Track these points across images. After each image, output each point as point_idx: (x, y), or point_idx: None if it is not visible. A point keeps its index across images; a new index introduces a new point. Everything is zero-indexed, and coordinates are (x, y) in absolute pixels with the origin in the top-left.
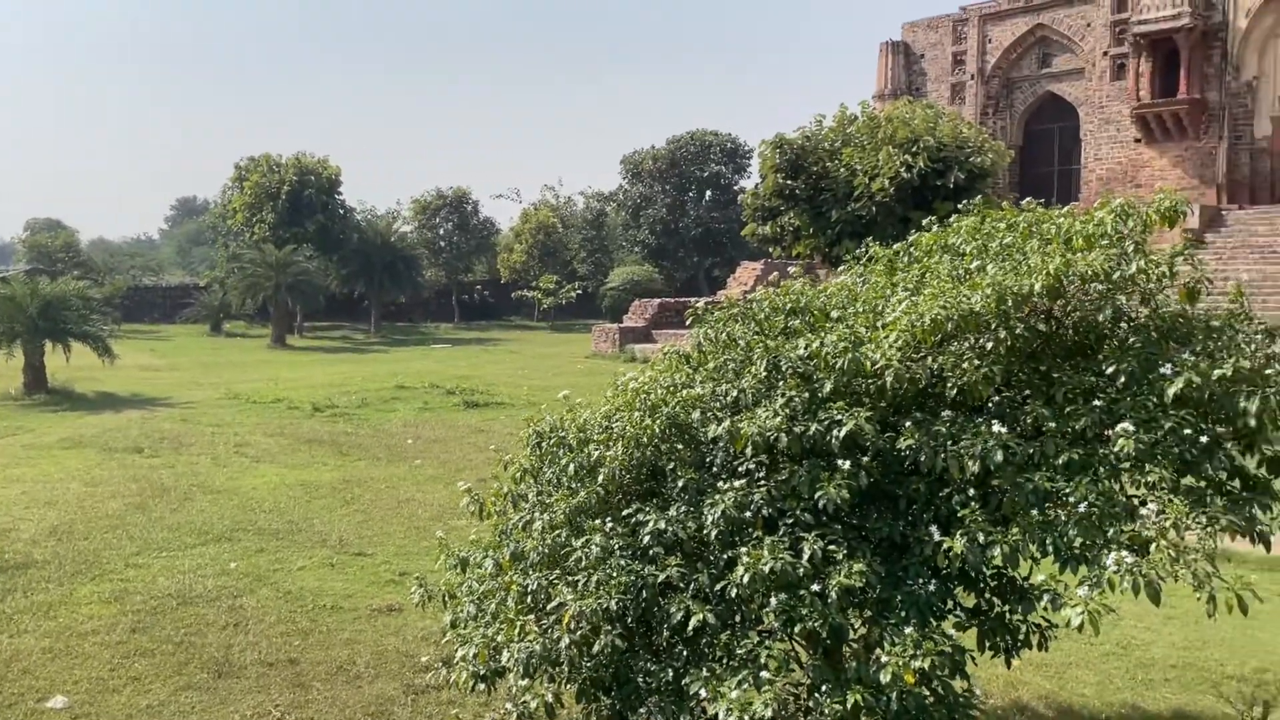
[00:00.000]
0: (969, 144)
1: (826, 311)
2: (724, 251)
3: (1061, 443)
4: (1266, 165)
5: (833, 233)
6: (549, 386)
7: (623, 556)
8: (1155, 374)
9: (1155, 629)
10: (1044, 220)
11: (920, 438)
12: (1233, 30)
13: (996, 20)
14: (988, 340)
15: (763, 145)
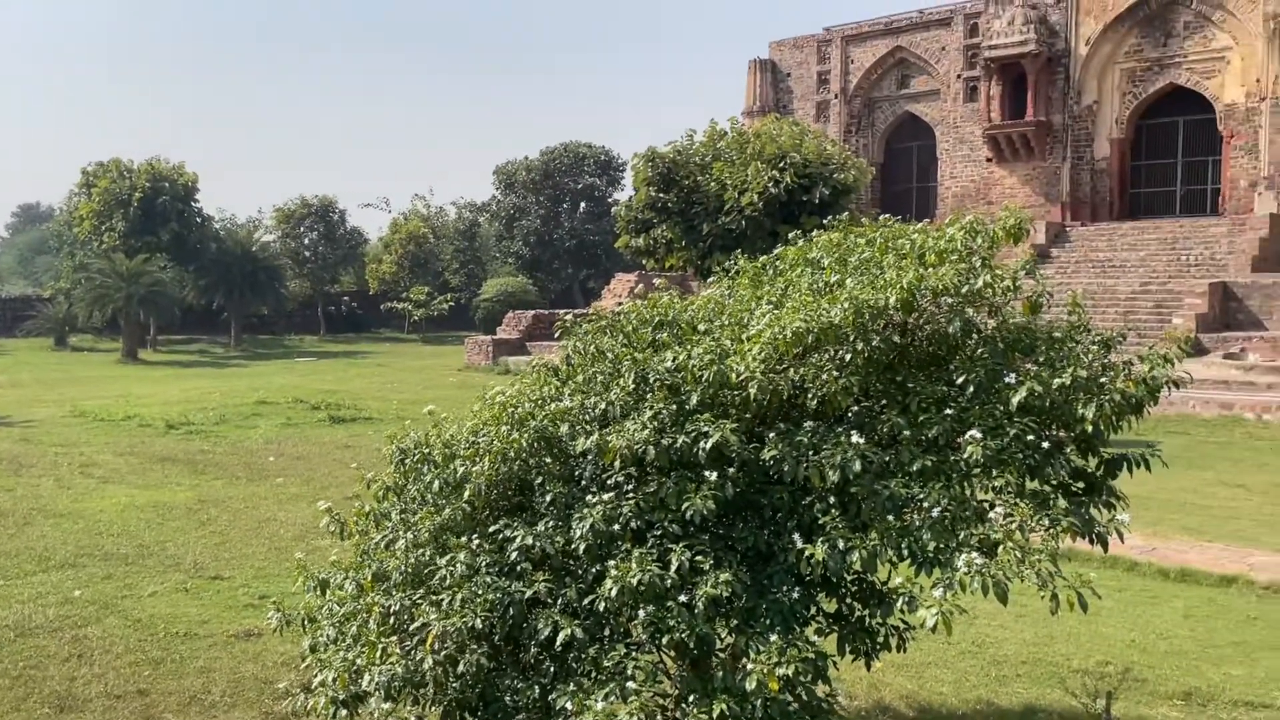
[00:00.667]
0: (833, 161)
1: (694, 324)
2: (599, 263)
3: (916, 450)
4: (1106, 184)
5: (704, 245)
6: (419, 400)
7: (489, 573)
8: (1001, 383)
9: (1008, 626)
10: (899, 236)
11: (783, 448)
12: (1074, 57)
13: (858, 42)
14: (847, 352)
15: (635, 158)
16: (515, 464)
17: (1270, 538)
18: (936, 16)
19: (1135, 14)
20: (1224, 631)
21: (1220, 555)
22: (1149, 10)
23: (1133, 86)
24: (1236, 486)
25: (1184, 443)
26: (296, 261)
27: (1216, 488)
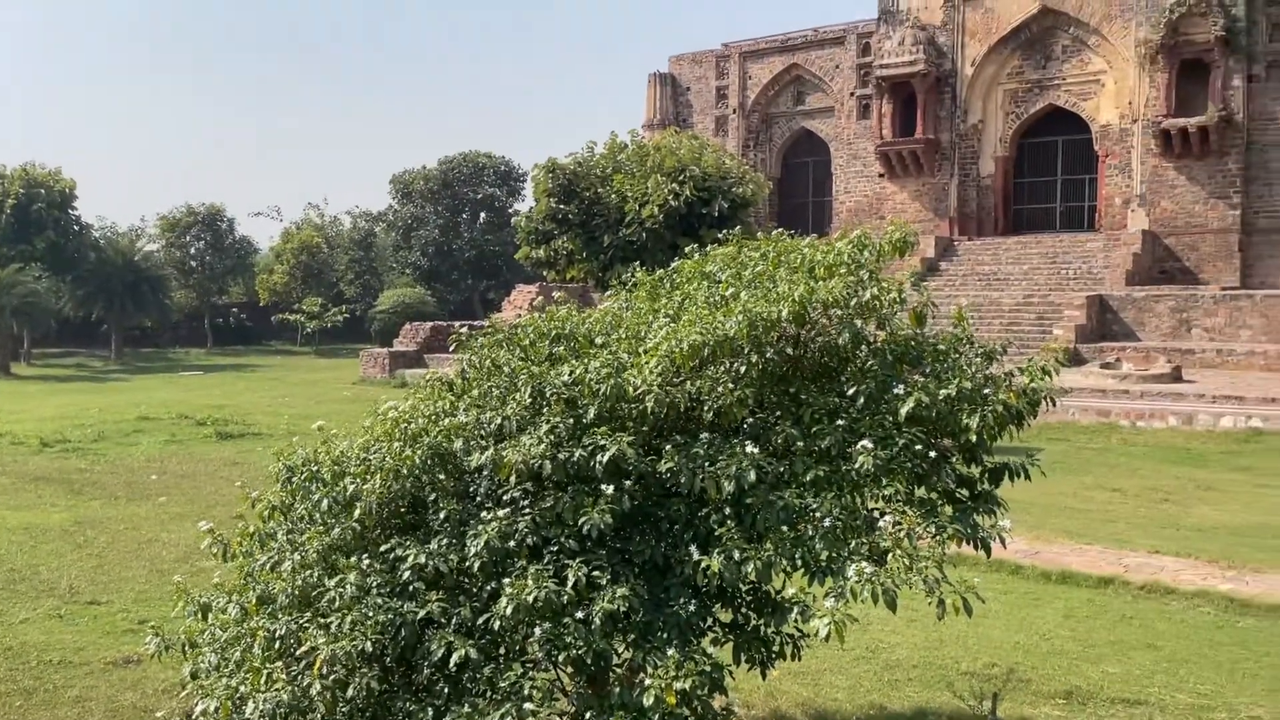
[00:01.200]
0: (732, 175)
1: (591, 337)
2: (499, 274)
3: (809, 461)
4: (991, 200)
5: (605, 257)
6: (312, 415)
7: (380, 594)
8: (890, 394)
9: (900, 631)
10: (791, 250)
11: (680, 460)
12: (961, 77)
13: (756, 58)
14: (742, 364)
15: (535, 169)
16: (408, 481)
17: (1144, 539)
18: (830, 35)
19: (1017, 37)
20: (1102, 631)
21: (1098, 557)
22: (1030, 34)
23: (1015, 107)
24: (1113, 490)
25: (1064, 449)
26: (182, 272)
27: (1095, 492)
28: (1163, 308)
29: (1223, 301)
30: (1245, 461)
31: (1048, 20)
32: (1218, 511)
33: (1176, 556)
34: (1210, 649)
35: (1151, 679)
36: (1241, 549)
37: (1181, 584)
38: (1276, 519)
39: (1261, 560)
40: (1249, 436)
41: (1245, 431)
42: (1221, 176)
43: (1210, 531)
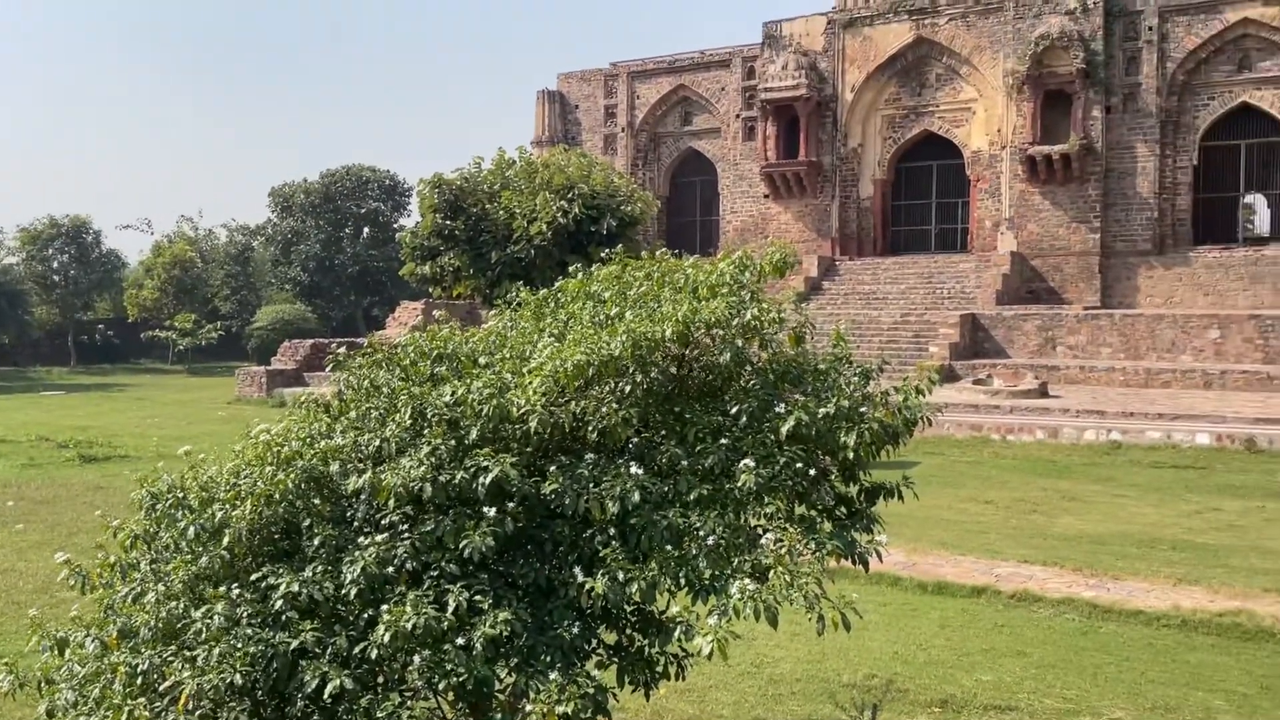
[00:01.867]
0: (620, 193)
1: (474, 357)
2: (384, 290)
3: (693, 480)
4: (870, 222)
5: (493, 274)
6: (183, 436)
7: (251, 625)
8: (772, 413)
9: (784, 646)
10: (675, 270)
11: (564, 481)
12: (841, 102)
13: (644, 78)
14: (626, 384)
15: (421, 184)
16: (281, 506)
17: (1014, 549)
18: (717, 58)
19: (894, 65)
20: (975, 639)
21: (971, 568)
22: (905, 62)
23: (892, 132)
24: (985, 503)
25: (941, 462)
26: (44, 286)
27: (968, 504)
28: (1030, 326)
29: (1085, 320)
30: (1105, 473)
31: (922, 49)
32: (1081, 521)
33: (1044, 565)
34: (1075, 654)
35: (1021, 685)
36: (1103, 556)
37: (1049, 592)
38: (1134, 527)
39: (1121, 568)
40: (1109, 449)
41: (1106, 444)
42: (1083, 202)
43: (1074, 540)
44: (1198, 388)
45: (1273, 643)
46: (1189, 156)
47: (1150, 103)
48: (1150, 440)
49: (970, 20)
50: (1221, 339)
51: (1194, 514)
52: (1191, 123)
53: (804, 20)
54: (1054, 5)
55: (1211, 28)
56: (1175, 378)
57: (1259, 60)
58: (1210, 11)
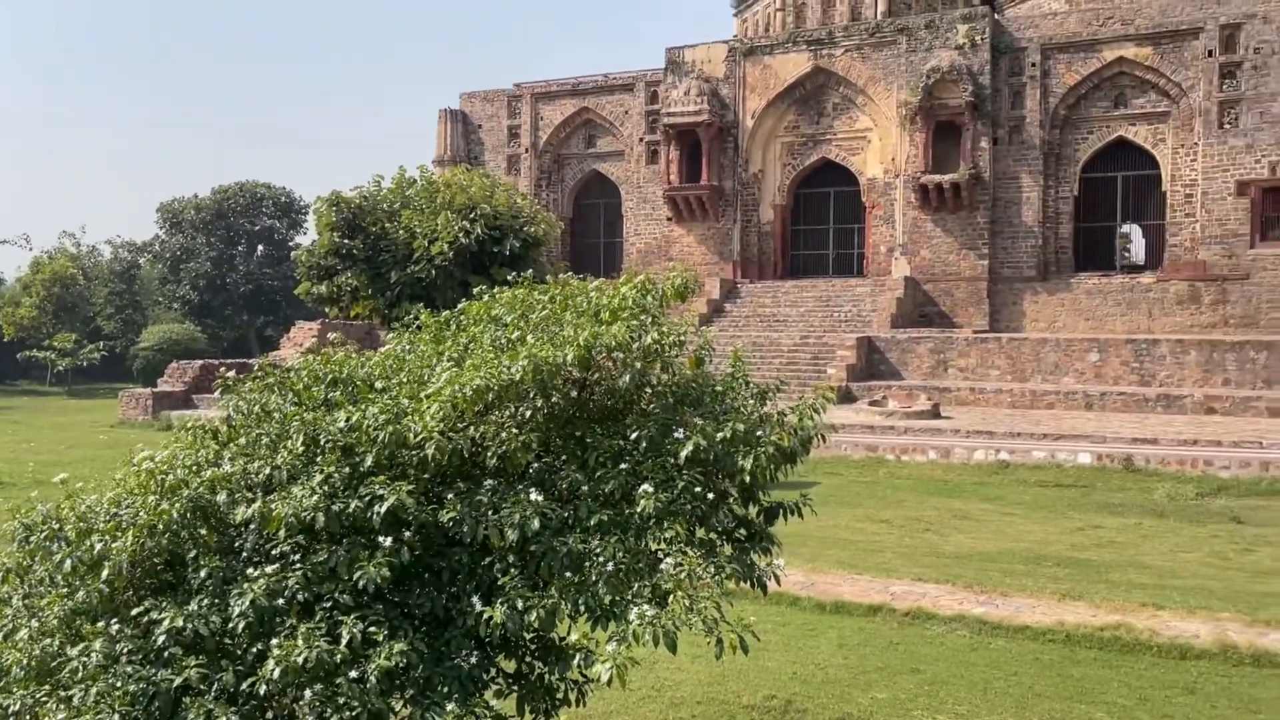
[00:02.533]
0: (523, 214)
1: (371, 382)
2: (278, 310)
3: (594, 505)
4: (770, 245)
5: (392, 294)
6: (61, 462)
7: (131, 662)
8: (671, 437)
9: (685, 669)
10: (578, 294)
11: (463, 508)
12: (742, 128)
13: (548, 100)
14: (527, 409)
15: (318, 202)
16: (164, 538)
17: (908, 568)
18: (620, 82)
19: (793, 94)
20: (872, 658)
21: (868, 586)
22: (804, 91)
23: (792, 158)
24: (881, 522)
25: (838, 482)
26: None
27: (865, 523)
28: (923, 349)
29: (974, 344)
30: (995, 491)
31: (820, 79)
32: (972, 539)
33: (937, 583)
34: (966, 670)
35: (915, 702)
36: (992, 573)
37: (941, 609)
38: (1021, 545)
39: (1009, 584)
40: (998, 468)
41: (995, 464)
42: (972, 229)
43: (966, 558)
44: (1079, 409)
45: (1150, 655)
46: (1070, 187)
47: (1034, 135)
48: (1036, 460)
49: (865, 52)
50: (1101, 362)
51: (1077, 531)
52: (1072, 155)
53: (706, 47)
54: (944, 40)
55: (1090, 65)
56: (1059, 399)
57: (1133, 97)
58: (1089, 50)
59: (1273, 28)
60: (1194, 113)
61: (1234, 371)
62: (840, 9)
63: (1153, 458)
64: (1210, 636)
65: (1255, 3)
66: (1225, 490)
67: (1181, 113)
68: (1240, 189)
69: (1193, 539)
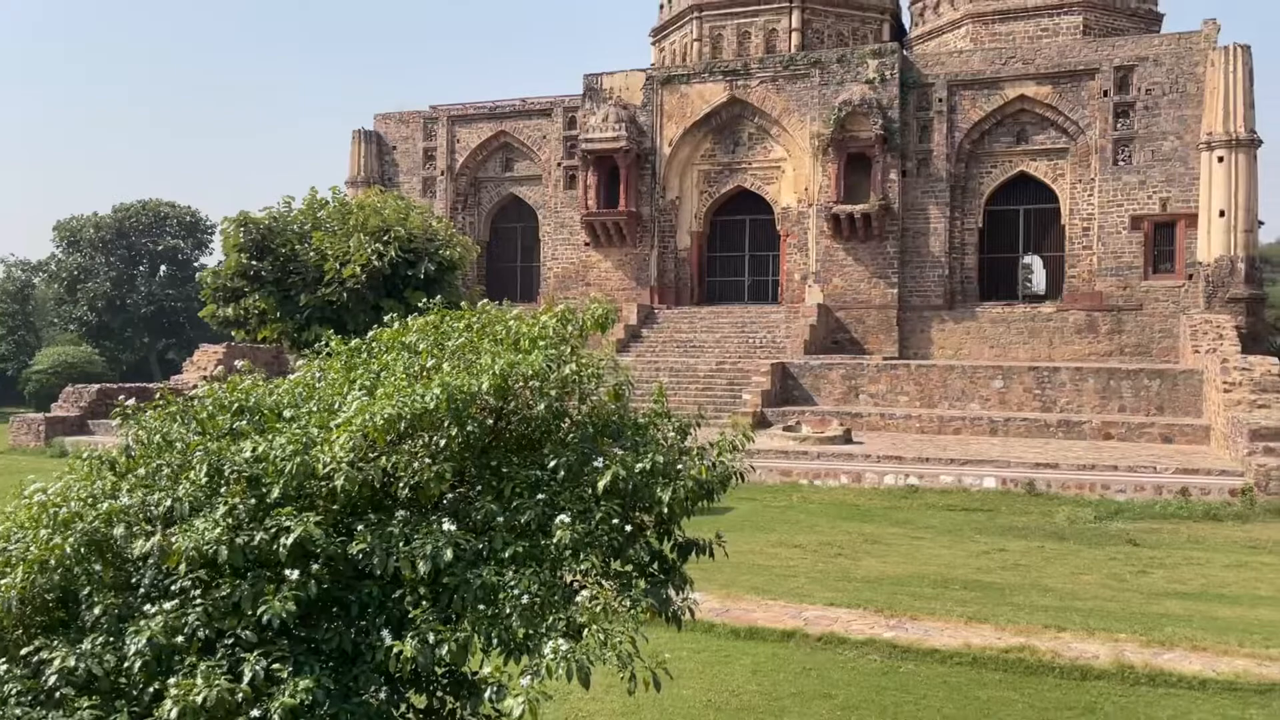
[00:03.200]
0: (439, 237)
1: (278, 410)
2: (181, 332)
3: (509, 536)
4: (687, 272)
5: (302, 317)
6: None
7: (20, 704)
8: (590, 468)
9: (599, 699)
10: (496, 322)
11: (373, 540)
12: (660, 156)
13: (464, 123)
14: (441, 438)
15: (226, 222)
16: (57, 573)
17: (821, 592)
18: (538, 107)
19: (709, 123)
20: (785, 683)
21: (782, 612)
22: (720, 120)
23: (708, 186)
24: (794, 547)
25: (753, 507)
26: None
27: (779, 548)
28: (835, 375)
29: (884, 370)
30: (904, 516)
31: (736, 109)
32: (882, 563)
33: (849, 608)
34: (877, 694)
35: None
36: (902, 597)
37: (853, 633)
38: (930, 568)
39: (918, 608)
40: (907, 493)
41: (904, 488)
42: (882, 258)
43: (877, 582)
44: (985, 434)
45: (1052, 676)
46: (975, 219)
47: (941, 168)
48: (944, 484)
49: (780, 84)
50: (1005, 388)
51: (983, 554)
52: (977, 188)
53: (624, 75)
54: (855, 75)
55: (993, 102)
56: (965, 424)
57: (1034, 133)
58: (992, 88)
59: (1163, 70)
60: (1090, 149)
61: (1129, 398)
62: (755, 41)
63: (1054, 482)
64: (1109, 657)
65: (1146, 46)
66: (1122, 513)
67: (1079, 149)
68: (1134, 223)
69: (1092, 561)
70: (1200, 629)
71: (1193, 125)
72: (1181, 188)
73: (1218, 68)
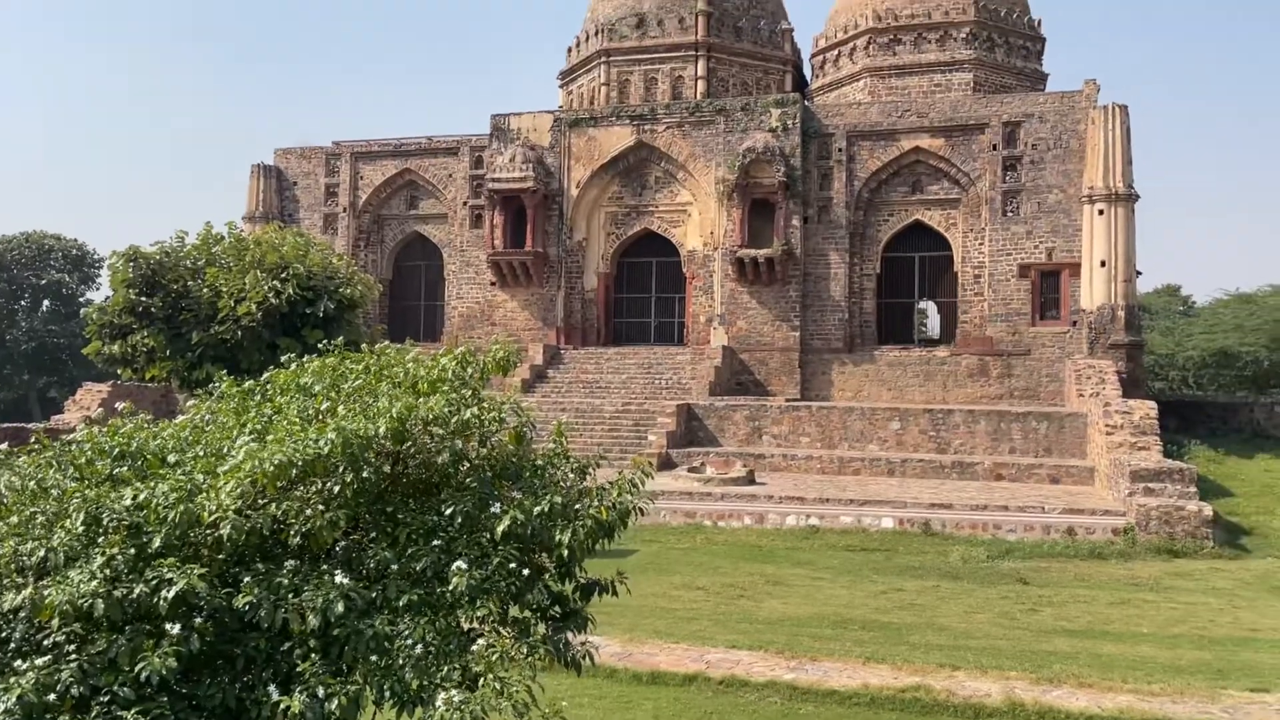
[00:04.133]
0: (339, 275)
1: (163, 455)
2: (64, 370)
3: (404, 584)
4: (593, 312)
5: (193, 355)
6: None
7: None
8: (488, 512)
9: None
10: (395, 364)
11: (260, 592)
12: (567, 197)
13: (368, 159)
14: (335, 484)
15: (115, 257)
16: None
17: (723, 635)
18: (444, 145)
19: (616, 165)
20: None
21: (684, 655)
22: (627, 164)
23: (615, 228)
24: (697, 589)
25: (656, 549)
26: None
27: (682, 590)
28: (739, 416)
29: (787, 412)
30: (806, 556)
31: (643, 153)
32: (784, 604)
33: (750, 650)
34: None
35: None
36: (803, 638)
37: (754, 676)
38: (830, 609)
39: (818, 649)
40: (808, 533)
41: (805, 529)
42: (785, 302)
43: (778, 624)
44: (883, 474)
45: (947, 714)
46: (873, 265)
47: (841, 215)
48: (843, 525)
49: (686, 130)
50: (902, 430)
51: (880, 594)
52: (875, 235)
53: (532, 116)
54: (759, 123)
55: (890, 153)
56: (864, 465)
57: (928, 184)
58: (889, 139)
59: (1048, 126)
60: (981, 200)
61: (1019, 440)
62: (663, 87)
63: (949, 522)
64: (1000, 695)
65: (1032, 104)
66: (1013, 552)
67: (970, 199)
68: (1022, 272)
69: (984, 600)
70: (1086, 666)
71: (1075, 179)
72: (1066, 238)
73: (1098, 126)
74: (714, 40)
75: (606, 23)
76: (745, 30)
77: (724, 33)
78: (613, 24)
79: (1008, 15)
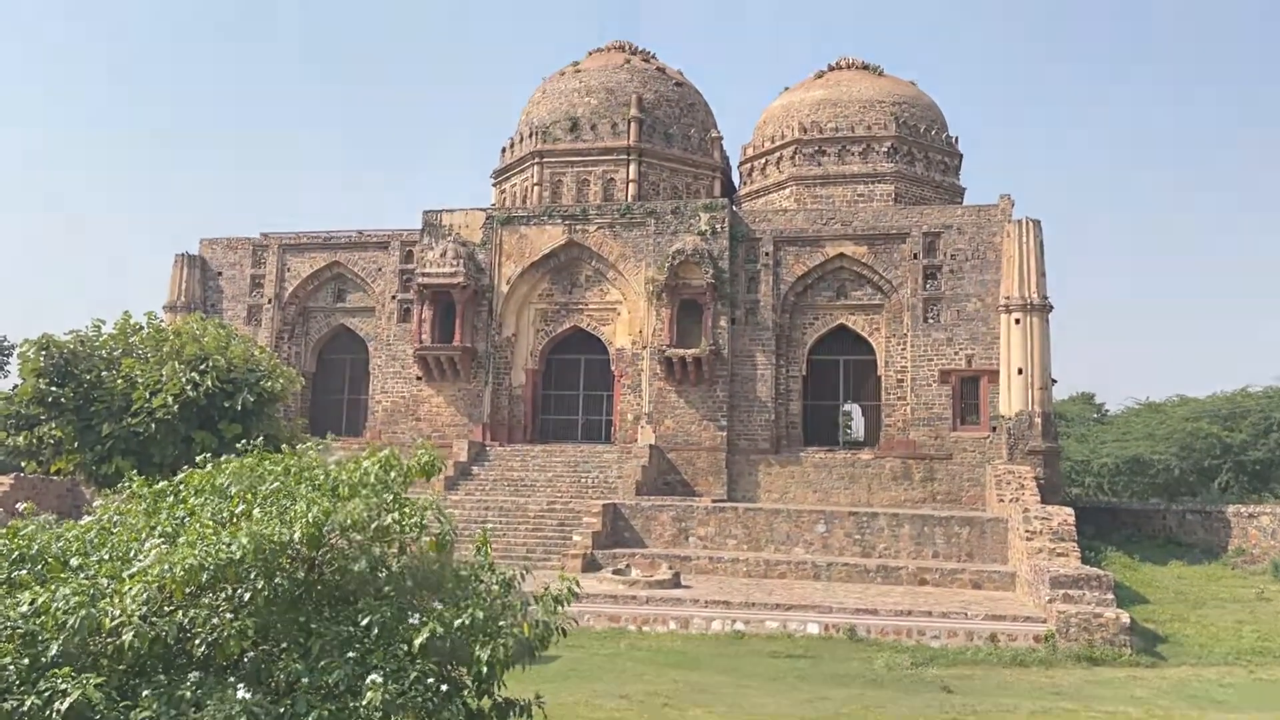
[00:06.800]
0: (260, 367)
1: (65, 558)
2: None
3: (314, 698)
4: (521, 409)
5: (103, 448)
6: None
7: None
8: (406, 624)
9: None
10: (316, 466)
11: (159, 706)
12: (497, 293)
13: (296, 251)
14: (246, 591)
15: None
16: None
17: None
18: (375, 239)
19: (547, 263)
20: None
21: None
22: (558, 261)
23: (545, 325)
24: (621, 697)
25: (579, 655)
26: None
27: (605, 699)
28: (666, 517)
29: (713, 513)
30: (731, 663)
31: (574, 251)
32: (709, 714)
33: None
34: None
35: None
36: None
37: None
38: (755, 719)
39: None
40: (734, 638)
41: (731, 634)
42: (712, 402)
43: None
44: (809, 578)
45: None
46: (799, 367)
47: (768, 318)
48: (769, 630)
49: (617, 230)
50: (827, 533)
51: (806, 703)
52: (801, 337)
53: (464, 213)
54: (688, 225)
55: (815, 259)
56: (790, 568)
57: (852, 289)
58: (814, 245)
59: (965, 238)
60: (903, 307)
61: (942, 545)
62: (595, 188)
63: (873, 628)
64: None
65: (951, 216)
66: (937, 659)
67: (893, 305)
68: (943, 377)
69: (909, 710)
70: None
71: (993, 289)
72: (984, 345)
73: (1013, 238)
74: (645, 145)
75: (541, 125)
76: (676, 137)
77: (655, 139)
78: (547, 126)
79: (926, 131)
